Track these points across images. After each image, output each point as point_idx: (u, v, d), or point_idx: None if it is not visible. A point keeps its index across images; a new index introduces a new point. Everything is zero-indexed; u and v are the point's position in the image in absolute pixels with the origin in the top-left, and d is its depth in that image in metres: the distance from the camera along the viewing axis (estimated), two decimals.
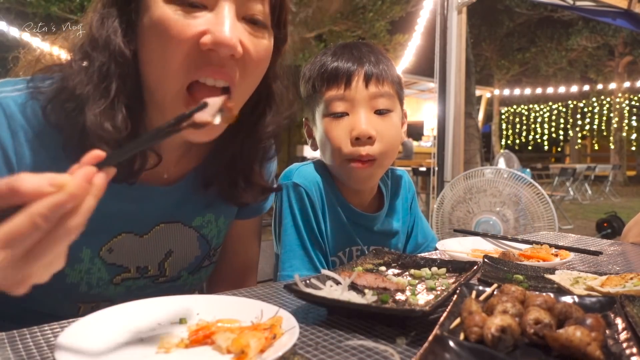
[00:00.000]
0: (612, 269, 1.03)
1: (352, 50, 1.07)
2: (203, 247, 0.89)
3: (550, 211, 2.79)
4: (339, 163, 1.05)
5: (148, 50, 0.67)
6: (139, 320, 0.62)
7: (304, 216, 1.06)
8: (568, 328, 0.51)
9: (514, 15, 16.05)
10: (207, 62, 0.65)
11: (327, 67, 1.04)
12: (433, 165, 3.93)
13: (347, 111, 1.03)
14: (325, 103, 1.04)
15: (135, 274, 0.82)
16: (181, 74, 0.66)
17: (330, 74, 1.03)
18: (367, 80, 1.02)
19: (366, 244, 1.16)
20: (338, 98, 1.03)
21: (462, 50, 3.79)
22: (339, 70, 1.02)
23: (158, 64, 0.66)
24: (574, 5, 4.32)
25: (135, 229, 0.81)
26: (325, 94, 1.04)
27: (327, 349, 0.58)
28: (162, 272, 0.85)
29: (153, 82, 0.68)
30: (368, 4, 9.38)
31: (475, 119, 6.86)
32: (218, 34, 0.63)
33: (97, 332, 0.57)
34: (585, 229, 6.89)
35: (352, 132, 1.01)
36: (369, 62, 1.04)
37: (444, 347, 0.49)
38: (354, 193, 1.15)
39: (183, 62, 0.65)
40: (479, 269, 0.85)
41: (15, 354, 0.56)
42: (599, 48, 16.72)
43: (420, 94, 14.43)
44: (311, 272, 1.03)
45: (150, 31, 0.66)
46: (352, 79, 1.02)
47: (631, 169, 18.95)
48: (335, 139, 1.03)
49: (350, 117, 1.03)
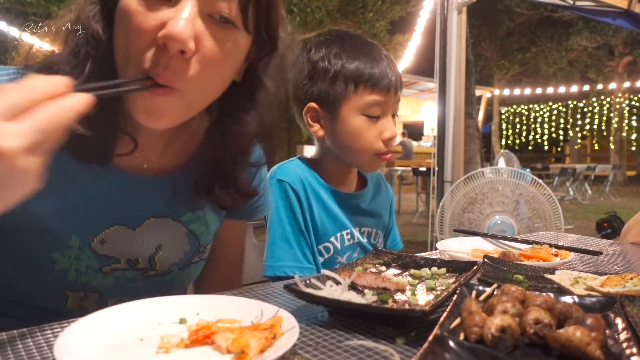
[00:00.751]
0: (612, 269, 1.03)
1: (383, 55, 1.18)
2: (192, 243, 0.89)
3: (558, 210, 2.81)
4: (367, 156, 1.18)
5: (116, 37, 0.69)
6: (139, 320, 0.62)
7: (288, 210, 1.15)
8: (568, 328, 0.52)
9: (514, 15, 16.05)
10: (156, 61, 0.65)
11: (372, 71, 1.13)
12: (433, 165, 3.93)
13: (380, 115, 1.16)
14: (365, 104, 1.14)
15: (125, 265, 0.83)
16: (139, 65, 0.66)
17: (375, 79, 1.13)
18: (396, 90, 1.17)
19: (356, 225, 1.24)
20: (378, 103, 1.14)
21: (462, 50, 3.79)
22: (383, 77, 1.14)
23: (121, 51, 0.68)
24: (574, 5, 4.32)
25: (127, 222, 0.81)
26: (367, 97, 1.14)
27: (327, 349, 0.58)
28: (152, 266, 0.85)
29: (120, 67, 0.70)
30: (368, 4, 9.38)
31: (475, 119, 6.85)
32: (171, 27, 0.63)
33: (97, 332, 0.57)
34: (585, 229, 6.89)
35: (385, 134, 1.16)
36: (397, 71, 1.18)
37: (444, 347, 0.49)
38: (341, 180, 1.26)
39: (141, 54, 0.65)
40: (479, 269, 0.85)
41: (15, 354, 0.56)
42: (599, 48, 16.72)
43: (420, 94, 14.43)
44: (293, 263, 1.12)
45: (118, 19, 0.67)
46: (392, 88, 1.15)
47: (631, 169, 18.95)
48: (369, 138, 1.15)
49: (382, 121, 1.16)
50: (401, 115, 15.27)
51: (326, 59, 1.15)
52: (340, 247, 1.21)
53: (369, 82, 1.12)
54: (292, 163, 1.23)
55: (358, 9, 9.51)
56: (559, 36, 16.51)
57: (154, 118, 0.68)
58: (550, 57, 17.11)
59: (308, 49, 1.19)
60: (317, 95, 1.16)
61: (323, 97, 1.16)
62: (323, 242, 1.19)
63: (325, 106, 1.17)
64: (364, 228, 1.26)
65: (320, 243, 1.19)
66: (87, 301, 0.81)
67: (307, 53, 1.18)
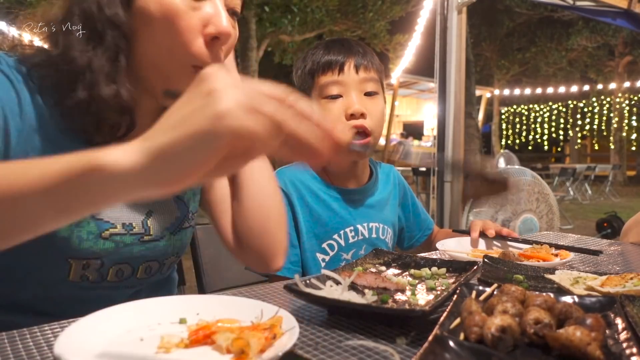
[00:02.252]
0: (612, 269, 1.03)
1: (342, 43, 1.23)
2: (181, 209, 0.93)
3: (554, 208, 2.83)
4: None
5: (153, 31, 0.74)
6: (139, 320, 0.62)
7: None
8: (568, 328, 0.52)
9: (514, 15, 16.04)
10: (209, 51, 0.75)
11: (322, 57, 1.20)
12: (433, 165, 3.93)
13: (341, 94, 1.18)
14: (321, 87, 1.19)
15: (122, 229, 0.84)
16: (187, 58, 0.74)
17: (325, 63, 1.19)
18: (357, 68, 1.19)
19: (363, 221, 1.25)
20: (333, 82, 1.18)
21: (462, 50, 3.79)
22: (332, 59, 1.19)
23: (165, 46, 0.74)
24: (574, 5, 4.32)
25: None
26: (321, 80, 1.19)
27: (327, 349, 0.58)
28: (146, 230, 0.87)
29: (157, 58, 0.76)
30: (368, 4, 9.38)
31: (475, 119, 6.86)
32: (219, 24, 0.73)
33: (97, 332, 0.58)
34: (585, 229, 6.89)
35: (348, 110, 1.16)
36: (357, 53, 1.21)
37: (444, 347, 0.49)
38: (347, 176, 1.28)
39: (189, 48, 0.74)
40: (479, 269, 0.85)
41: (15, 354, 0.56)
42: (599, 48, 16.71)
43: (420, 94, 14.42)
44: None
45: (157, 15, 0.73)
46: (345, 66, 1.18)
47: (631, 169, 18.94)
48: (331, 118, 1.16)
49: (344, 99, 1.18)
50: (401, 115, 15.31)
51: (300, 64, 1.25)
52: (345, 244, 1.22)
53: (319, 66, 1.20)
54: (290, 167, 1.27)
55: (358, 9, 9.51)
56: (559, 36, 16.50)
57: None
58: (550, 57, 17.10)
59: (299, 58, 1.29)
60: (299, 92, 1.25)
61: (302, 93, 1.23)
62: (326, 240, 1.21)
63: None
64: (371, 223, 1.27)
65: (324, 241, 1.21)
66: (89, 270, 0.81)
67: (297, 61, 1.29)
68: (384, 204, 1.32)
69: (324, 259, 1.20)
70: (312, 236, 1.20)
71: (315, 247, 1.20)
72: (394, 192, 1.38)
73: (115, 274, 0.84)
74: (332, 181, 1.26)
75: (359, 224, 1.24)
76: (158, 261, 0.90)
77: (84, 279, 0.81)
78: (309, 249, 1.19)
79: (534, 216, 3.05)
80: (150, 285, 0.93)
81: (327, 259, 1.20)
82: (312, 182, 1.24)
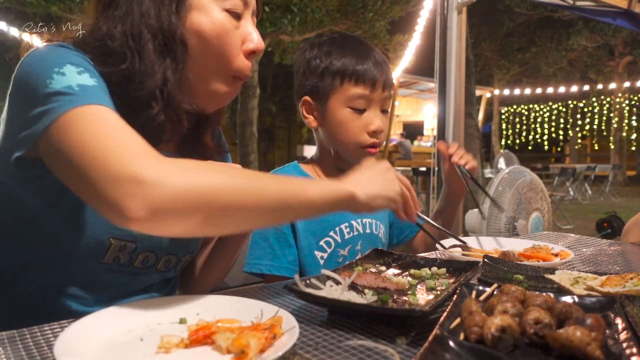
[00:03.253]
0: (612, 269, 1.03)
1: (372, 52, 1.25)
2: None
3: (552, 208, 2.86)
4: (353, 148, 1.24)
5: (204, 46, 0.82)
6: (139, 320, 0.62)
7: None
8: (568, 328, 0.52)
9: (514, 15, 16.03)
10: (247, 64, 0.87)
11: (357, 67, 1.21)
12: (433, 165, 3.93)
13: (366, 108, 1.22)
14: (349, 97, 1.21)
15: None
16: (231, 70, 0.85)
17: (360, 74, 1.21)
18: (385, 86, 1.23)
19: (355, 217, 1.29)
20: (363, 97, 1.21)
21: (462, 50, 3.79)
22: (368, 72, 1.21)
23: (212, 60, 0.84)
24: (574, 5, 4.31)
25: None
26: (351, 90, 1.21)
27: (327, 349, 0.58)
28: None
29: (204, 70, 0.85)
30: (368, 4, 9.37)
31: (475, 119, 6.85)
32: (257, 42, 0.86)
33: (97, 332, 0.58)
34: (585, 229, 6.89)
35: (371, 127, 1.22)
36: (387, 67, 1.25)
37: (444, 347, 0.49)
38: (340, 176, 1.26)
39: (233, 62, 0.85)
40: (479, 269, 0.85)
41: (15, 354, 0.56)
42: (599, 48, 16.70)
43: (420, 94, 14.41)
44: (270, 262, 1.19)
45: (210, 33, 0.82)
46: (377, 83, 1.21)
47: (631, 169, 18.93)
48: (353, 130, 1.22)
49: (368, 114, 1.22)
50: (401, 115, 15.30)
51: (318, 57, 1.24)
52: (341, 240, 1.24)
53: (353, 76, 1.20)
54: (284, 169, 1.31)
55: (358, 9, 9.51)
56: (559, 36, 16.48)
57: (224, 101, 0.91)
58: (550, 57, 17.09)
59: (304, 49, 1.28)
60: (310, 90, 1.25)
61: (314, 91, 1.24)
62: (324, 237, 1.23)
63: (316, 99, 1.25)
64: (365, 219, 1.30)
65: (322, 238, 1.22)
66: (124, 252, 0.82)
67: (304, 53, 1.27)
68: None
69: (322, 257, 1.22)
70: (309, 234, 1.21)
71: (313, 245, 1.21)
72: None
73: (142, 261, 0.85)
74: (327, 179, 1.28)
75: (353, 220, 1.27)
76: (177, 256, 0.92)
77: (116, 261, 0.82)
78: (307, 247, 1.21)
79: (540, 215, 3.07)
80: (161, 283, 0.94)
81: (325, 256, 1.22)
82: None
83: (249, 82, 8.47)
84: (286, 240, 1.20)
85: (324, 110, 1.24)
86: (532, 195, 3.08)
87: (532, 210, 3.07)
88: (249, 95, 8.44)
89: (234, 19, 0.84)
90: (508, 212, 3.02)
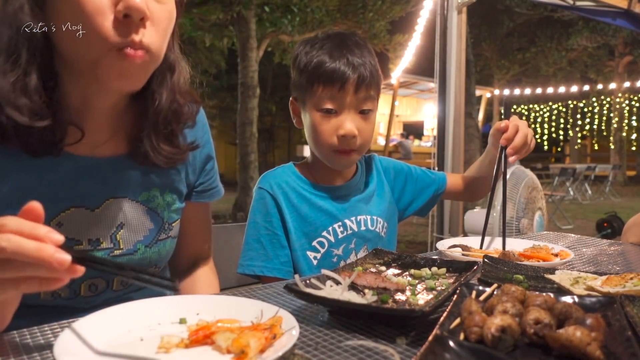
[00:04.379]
0: (612, 269, 1.03)
1: (347, 52, 1.16)
2: (155, 220, 0.92)
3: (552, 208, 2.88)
4: (325, 152, 1.20)
5: (62, 24, 0.72)
6: (139, 320, 0.62)
7: (264, 215, 1.22)
8: (568, 328, 0.52)
9: (514, 15, 16.02)
10: (125, 31, 0.72)
11: (325, 67, 1.15)
12: (433, 165, 3.93)
13: (336, 109, 1.16)
14: (318, 98, 1.16)
15: (88, 246, 0.84)
16: (106, 42, 0.72)
17: (327, 75, 1.14)
18: (358, 86, 1.15)
19: (350, 215, 1.26)
20: (330, 97, 1.15)
21: (462, 50, 3.79)
22: (335, 73, 1.14)
23: (77, 37, 0.72)
24: (574, 5, 4.32)
25: (86, 203, 0.84)
26: (319, 91, 1.16)
27: (327, 349, 0.58)
28: (115, 245, 0.87)
29: (73, 52, 0.74)
30: (368, 4, 9.37)
31: (475, 119, 6.85)
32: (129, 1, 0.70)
33: (97, 332, 0.57)
34: (585, 229, 6.89)
35: (339, 131, 1.16)
36: (362, 67, 1.16)
37: (444, 347, 0.49)
38: (333, 175, 1.29)
39: (104, 29, 0.71)
40: (479, 269, 0.85)
41: (15, 354, 0.56)
42: (599, 48, 16.70)
43: (420, 94, 14.42)
44: (263, 263, 1.18)
45: (64, 6, 0.71)
46: (346, 84, 1.14)
47: (631, 169, 18.93)
48: (323, 133, 1.17)
49: (339, 116, 1.16)
50: (401, 115, 15.30)
51: (300, 56, 1.20)
52: (334, 240, 1.23)
53: (321, 77, 1.14)
54: (278, 170, 1.29)
55: (358, 9, 9.50)
56: (559, 36, 16.48)
57: (130, 81, 0.77)
58: (550, 57, 17.08)
59: (297, 46, 1.25)
60: (295, 90, 1.24)
61: (297, 92, 1.23)
62: (316, 238, 1.22)
63: (298, 99, 1.24)
64: (359, 217, 1.27)
65: (314, 239, 1.22)
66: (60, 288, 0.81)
67: (295, 49, 1.25)
68: (371, 195, 1.33)
69: (315, 257, 1.21)
70: (301, 235, 1.21)
71: (306, 245, 1.21)
72: (381, 180, 1.38)
73: (88, 289, 0.84)
74: (318, 180, 1.27)
75: (346, 219, 1.25)
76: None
77: (56, 296, 0.81)
78: (299, 248, 1.20)
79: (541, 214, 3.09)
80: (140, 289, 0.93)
81: (319, 257, 1.22)
82: (297, 182, 1.26)
83: (248, 82, 8.46)
84: (278, 242, 1.20)
85: (304, 111, 1.22)
86: (535, 195, 3.10)
87: (536, 209, 3.08)
88: (249, 95, 8.44)
89: None
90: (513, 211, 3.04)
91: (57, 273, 0.52)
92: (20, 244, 0.51)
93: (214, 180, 1.07)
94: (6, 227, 0.52)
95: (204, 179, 1.04)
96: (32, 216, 0.54)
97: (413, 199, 1.41)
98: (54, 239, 0.52)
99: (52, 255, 0.51)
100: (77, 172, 0.83)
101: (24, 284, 0.54)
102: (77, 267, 0.54)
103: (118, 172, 0.88)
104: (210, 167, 1.06)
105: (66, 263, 0.52)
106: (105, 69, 0.74)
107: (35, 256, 0.51)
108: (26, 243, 0.51)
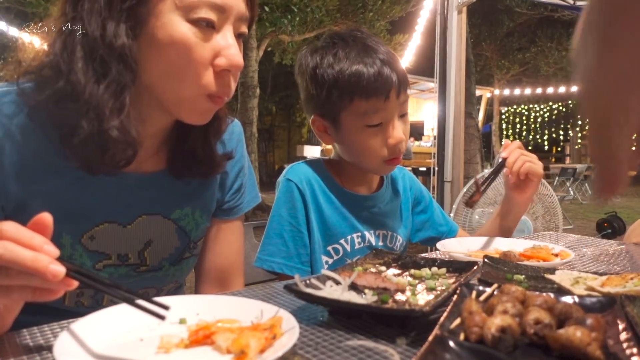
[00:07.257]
0: (612, 269, 1.03)
1: (376, 56, 1.09)
2: (182, 239, 0.92)
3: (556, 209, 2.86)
4: (375, 164, 1.16)
5: (162, 62, 0.73)
6: (139, 320, 0.62)
7: (290, 209, 1.15)
8: (568, 328, 0.51)
9: (514, 15, 16.02)
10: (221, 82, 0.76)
11: (365, 78, 1.07)
12: (433, 165, 3.93)
13: (382, 121, 1.11)
14: (362, 114, 1.10)
15: (117, 261, 0.85)
16: (197, 89, 0.75)
17: (370, 87, 1.07)
18: (399, 90, 1.10)
19: (371, 228, 1.22)
20: (376, 110, 1.09)
21: (462, 50, 3.79)
22: (377, 82, 1.07)
23: (174, 77, 0.74)
24: (574, 5, 4.32)
25: (119, 219, 0.84)
26: (362, 105, 1.09)
27: (327, 349, 0.58)
28: (142, 261, 0.87)
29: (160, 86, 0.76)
30: (368, 4, 9.37)
31: (475, 119, 6.86)
32: (231, 57, 0.74)
33: (97, 332, 0.57)
34: (585, 229, 6.88)
35: (389, 140, 1.12)
36: (396, 66, 1.10)
37: (444, 347, 0.49)
38: (359, 182, 1.25)
39: (205, 82, 0.74)
40: (479, 269, 0.85)
41: (15, 354, 0.56)
42: None
43: (420, 94, 14.40)
44: (283, 260, 1.13)
45: (168, 47, 0.72)
46: (391, 92, 1.08)
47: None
48: (373, 146, 1.13)
49: (385, 126, 1.12)
50: None
51: (321, 69, 1.12)
52: (350, 249, 1.19)
53: (363, 92, 1.07)
54: (307, 164, 1.22)
55: (358, 9, 9.50)
56: (559, 36, 16.47)
57: (204, 119, 0.81)
58: (550, 57, 17.08)
59: (307, 54, 1.17)
60: (319, 107, 1.16)
61: (324, 108, 1.15)
62: (332, 243, 1.18)
63: (327, 117, 1.16)
64: (379, 231, 1.24)
65: (330, 244, 1.18)
66: (84, 297, 0.82)
67: (307, 58, 1.16)
68: (395, 211, 1.30)
69: (327, 262, 1.18)
70: (320, 237, 1.18)
71: (322, 249, 1.18)
72: (407, 197, 1.35)
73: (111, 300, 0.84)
74: (344, 185, 1.23)
75: (366, 231, 1.21)
76: (156, 288, 0.91)
77: (79, 305, 0.82)
78: (317, 250, 1.17)
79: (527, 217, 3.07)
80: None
81: (331, 262, 1.18)
82: (326, 182, 1.20)
83: (248, 82, 8.46)
84: (301, 239, 1.15)
85: (338, 128, 1.15)
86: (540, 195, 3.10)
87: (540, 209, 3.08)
88: (249, 95, 8.44)
89: (205, 30, 0.73)
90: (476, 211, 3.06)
91: (51, 284, 0.53)
92: (17, 252, 0.51)
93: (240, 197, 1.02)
94: (3, 233, 0.52)
95: (230, 197, 1.01)
96: (39, 227, 0.54)
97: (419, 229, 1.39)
98: (49, 251, 0.52)
99: (47, 267, 0.51)
100: (119, 188, 0.83)
101: (17, 293, 0.53)
102: (71, 281, 0.54)
103: (156, 188, 0.88)
104: (238, 185, 1.02)
105: (60, 275, 0.52)
106: (189, 108, 0.77)
107: (30, 266, 0.50)
108: (22, 252, 0.51)
